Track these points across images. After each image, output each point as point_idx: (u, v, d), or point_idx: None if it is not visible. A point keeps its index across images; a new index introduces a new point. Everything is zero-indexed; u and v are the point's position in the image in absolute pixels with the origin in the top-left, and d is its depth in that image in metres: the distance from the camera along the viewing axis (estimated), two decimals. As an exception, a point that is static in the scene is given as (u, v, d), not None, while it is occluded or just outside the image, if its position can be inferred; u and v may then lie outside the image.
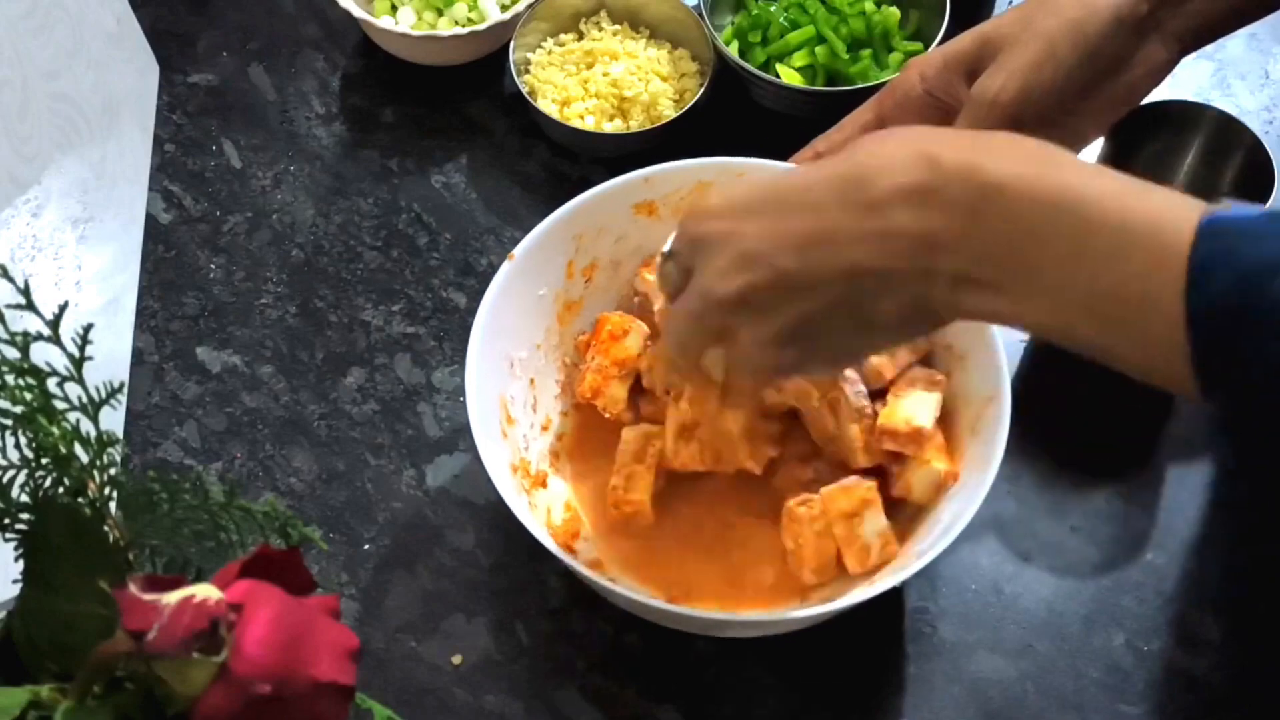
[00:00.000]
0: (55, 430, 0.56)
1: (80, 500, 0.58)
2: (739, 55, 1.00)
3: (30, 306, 0.57)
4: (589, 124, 0.98)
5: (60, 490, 0.58)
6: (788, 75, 0.99)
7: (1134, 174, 0.85)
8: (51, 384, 0.57)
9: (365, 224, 0.98)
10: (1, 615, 0.57)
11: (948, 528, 0.74)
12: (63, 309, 0.58)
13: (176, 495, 0.58)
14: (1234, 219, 0.53)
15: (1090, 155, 0.85)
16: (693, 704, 0.80)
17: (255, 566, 0.52)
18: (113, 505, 0.59)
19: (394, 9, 1.03)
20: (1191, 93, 1.01)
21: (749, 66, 0.98)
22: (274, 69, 1.06)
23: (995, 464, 0.75)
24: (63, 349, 0.57)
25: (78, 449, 0.57)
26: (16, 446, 0.57)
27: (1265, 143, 0.84)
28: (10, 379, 0.56)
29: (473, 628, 0.82)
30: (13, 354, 0.56)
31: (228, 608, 0.50)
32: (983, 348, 0.79)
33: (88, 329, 0.57)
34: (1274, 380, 0.52)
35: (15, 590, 0.57)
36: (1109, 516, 0.85)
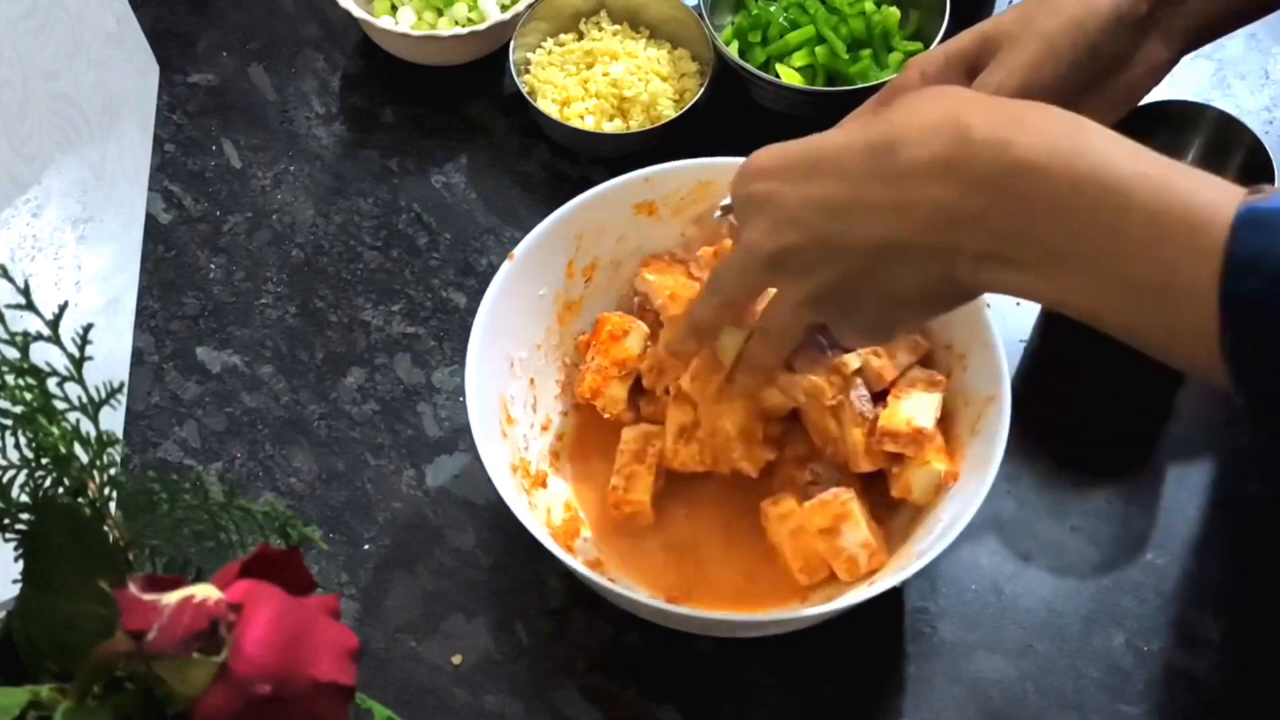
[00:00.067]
0: (55, 430, 0.56)
1: (80, 500, 0.58)
2: (739, 55, 1.00)
3: (30, 306, 0.57)
4: (589, 124, 0.98)
5: (60, 490, 0.58)
6: (788, 75, 0.99)
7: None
8: (51, 384, 0.57)
9: (365, 224, 0.98)
10: (1, 615, 0.57)
11: (948, 528, 0.74)
12: (63, 309, 0.58)
13: (176, 495, 0.58)
14: (1274, 210, 0.52)
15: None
16: (693, 704, 0.80)
17: (255, 566, 0.52)
18: (113, 505, 0.59)
19: (394, 9, 1.03)
20: (1191, 93, 1.01)
21: (749, 66, 0.98)
22: (274, 69, 1.06)
23: (995, 464, 0.75)
24: (63, 349, 0.57)
25: (78, 449, 0.57)
26: (16, 446, 0.57)
27: (1265, 143, 0.84)
28: (10, 379, 0.56)
29: (473, 628, 0.82)
30: (13, 354, 0.56)
31: (228, 608, 0.50)
32: (983, 348, 0.79)
33: (88, 329, 0.57)
34: None
35: (15, 590, 0.57)
36: (1109, 516, 0.85)
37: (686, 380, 0.79)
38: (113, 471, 0.58)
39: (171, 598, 0.49)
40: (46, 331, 0.57)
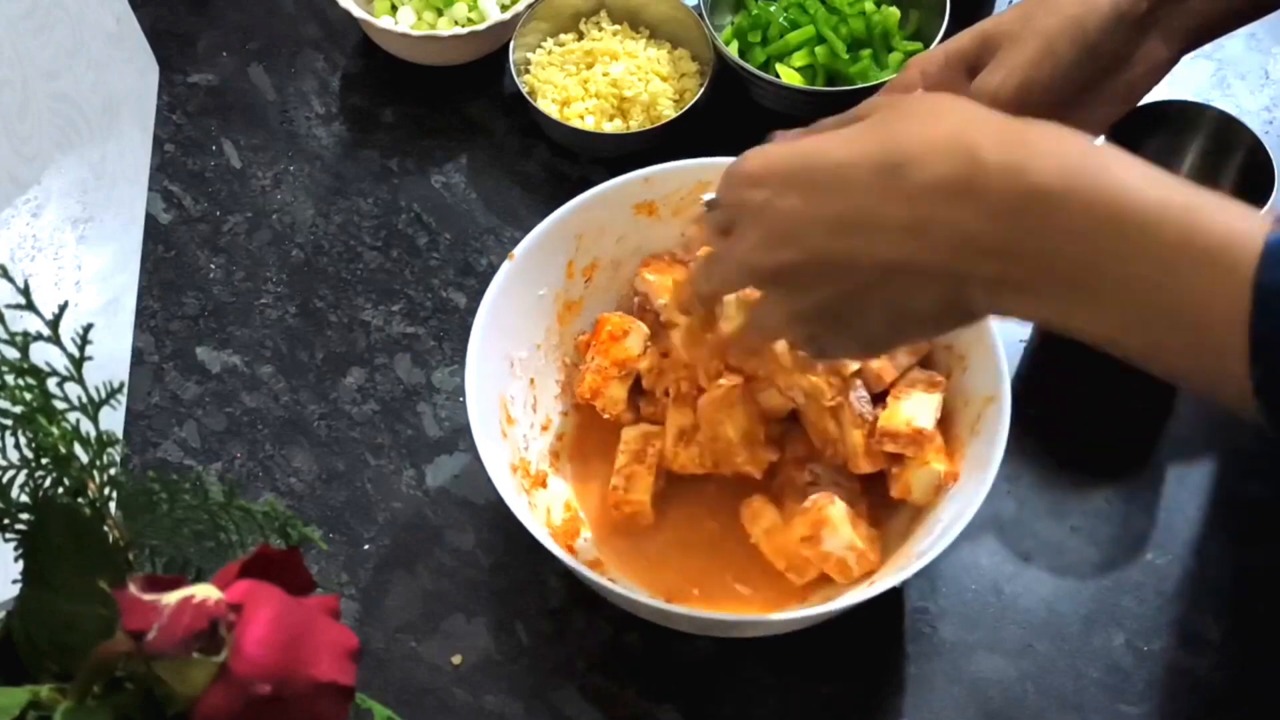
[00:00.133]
0: (55, 430, 0.56)
1: (80, 500, 0.58)
2: (739, 55, 1.00)
3: (30, 306, 0.57)
4: (589, 124, 0.98)
5: (60, 490, 0.58)
6: (788, 75, 0.99)
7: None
8: (51, 384, 0.57)
9: (365, 224, 0.98)
10: (1, 615, 0.57)
11: (948, 528, 0.74)
12: (63, 309, 0.58)
13: (176, 495, 0.58)
14: None
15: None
16: (693, 704, 0.80)
17: (255, 566, 0.52)
18: (113, 505, 0.59)
19: (394, 9, 1.03)
20: (1191, 93, 1.01)
21: (749, 66, 0.98)
22: (274, 69, 1.06)
23: (995, 464, 0.75)
24: (63, 349, 0.57)
25: (78, 449, 0.57)
26: (16, 446, 0.57)
27: (1265, 143, 0.84)
28: (10, 379, 0.56)
29: (473, 628, 0.82)
30: (13, 354, 0.56)
31: (228, 608, 0.50)
32: (983, 348, 0.79)
33: (88, 329, 0.57)
34: None
35: (15, 590, 0.57)
36: (1109, 516, 0.85)
37: (678, 337, 0.77)
38: (113, 471, 0.58)
39: (171, 598, 0.49)
40: (46, 331, 0.57)
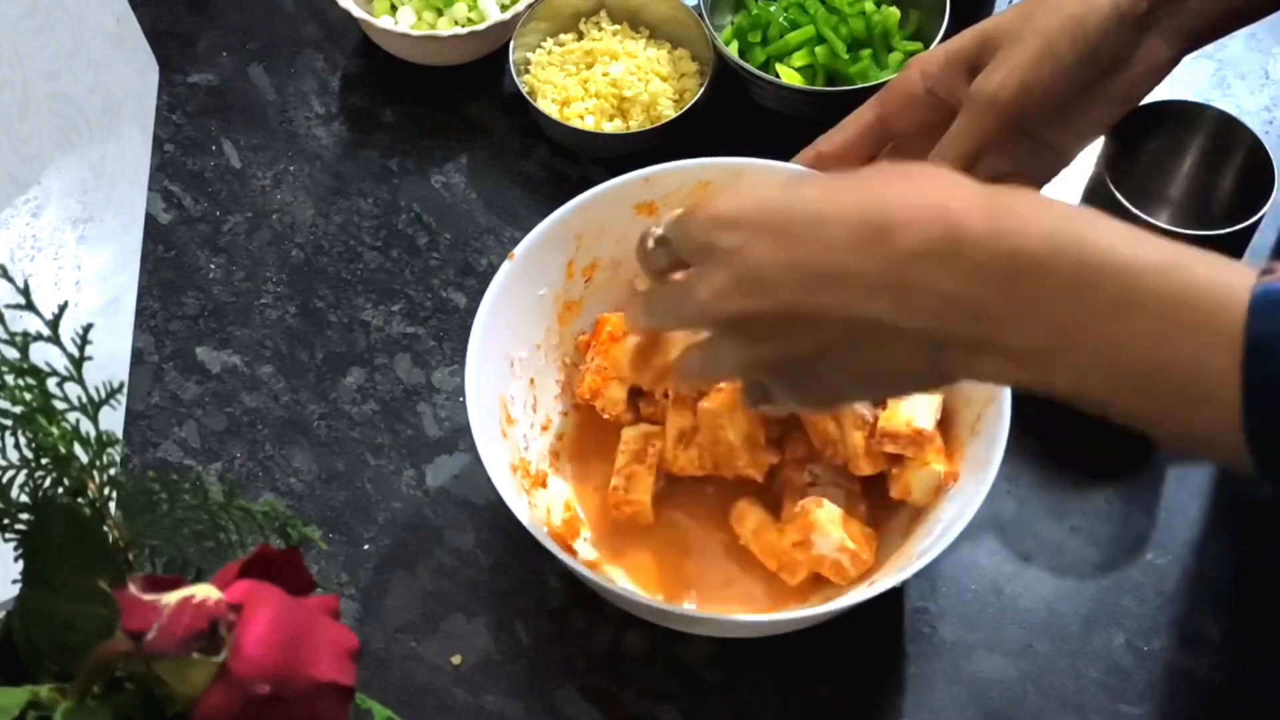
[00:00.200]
0: (55, 430, 0.56)
1: (80, 500, 0.58)
2: (739, 55, 1.00)
3: (30, 306, 0.57)
4: (589, 124, 0.98)
5: (60, 490, 0.58)
6: (788, 75, 0.99)
7: (1134, 174, 0.86)
8: (51, 384, 0.57)
9: (365, 224, 0.98)
10: (1, 615, 0.57)
11: (948, 528, 0.74)
12: (62, 309, 0.58)
13: (176, 495, 0.58)
14: None
15: (1090, 155, 0.85)
16: (693, 704, 0.80)
17: (255, 566, 0.52)
18: (113, 505, 0.59)
19: (394, 9, 1.03)
20: (1191, 93, 1.01)
21: (749, 66, 0.98)
22: (274, 69, 1.06)
23: (995, 464, 0.75)
24: (62, 349, 0.57)
25: (78, 449, 0.57)
26: (16, 446, 0.57)
27: (1265, 143, 0.84)
28: (10, 379, 0.56)
29: (473, 628, 0.82)
30: (13, 354, 0.56)
31: (227, 608, 0.50)
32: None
33: (87, 329, 0.57)
34: None
35: (15, 590, 0.57)
36: (1109, 516, 0.85)
37: (624, 355, 0.75)
38: (113, 471, 0.58)
39: (171, 598, 0.50)
40: (46, 331, 0.57)
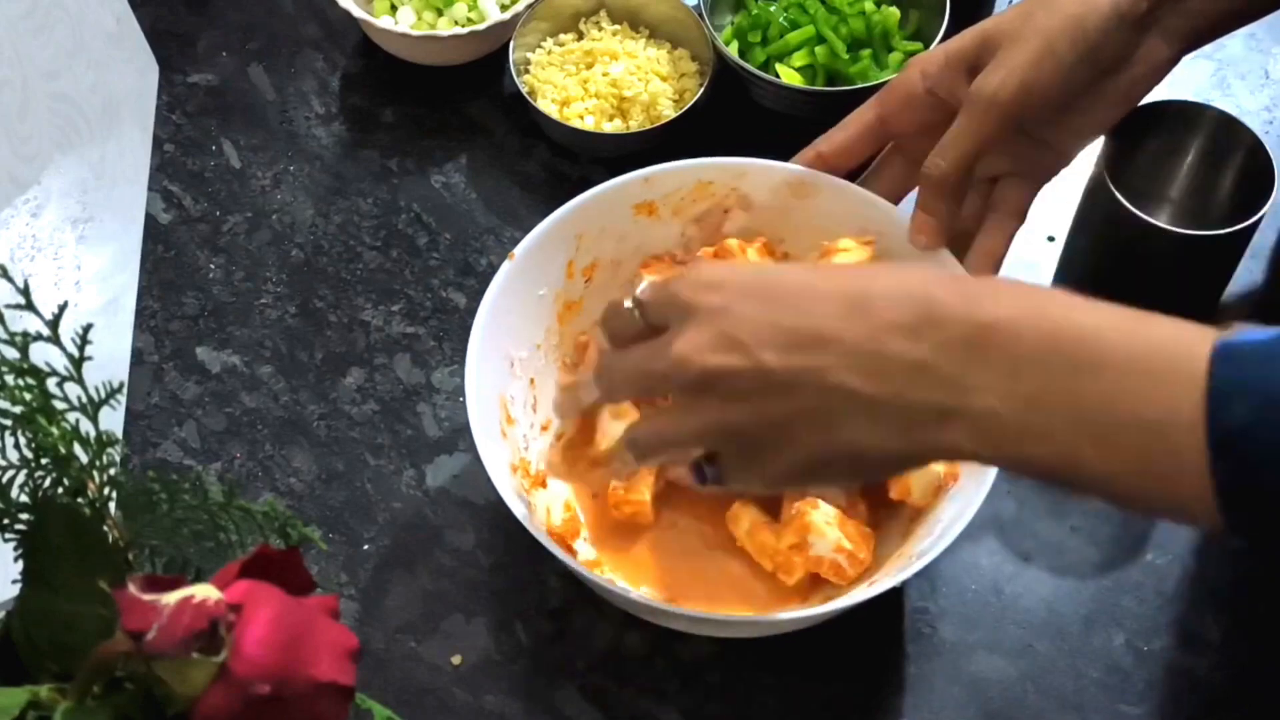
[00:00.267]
0: (55, 430, 0.56)
1: (80, 500, 0.58)
2: (739, 55, 1.00)
3: (30, 306, 0.57)
4: (589, 124, 0.98)
5: (60, 490, 0.58)
6: (788, 75, 0.99)
7: (1134, 174, 0.86)
8: (51, 384, 0.57)
9: (365, 224, 0.98)
10: (1, 615, 0.57)
11: (948, 528, 0.74)
12: (62, 309, 0.58)
13: (176, 495, 0.58)
14: (1248, 343, 0.52)
15: (1090, 155, 0.85)
16: (693, 704, 0.80)
17: (255, 566, 0.52)
18: (112, 505, 0.59)
19: (394, 9, 1.03)
20: (1191, 93, 1.01)
21: (749, 66, 0.98)
22: (274, 69, 1.06)
23: (995, 464, 0.75)
24: (62, 349, 0.57)
25: (77, 449, 0.57)
26: (16, 446, 0.57)
27: (1265, 143, 0.84)
28: (10, 379, 0.56)
29: (473, 628, 0.82)
30: (13, 354, 0.56)
31: (227, 608, 0.50)
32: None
33: (87, 329, 0.57)
34: None
35: (15, 590, 0.57)
36: (1109, 516, 0.85)
37: (555, 455, 0.78)
38: (112, 471, 0.58)
39: (171, 598, 0.50)
40: (46, 331, 0.57)
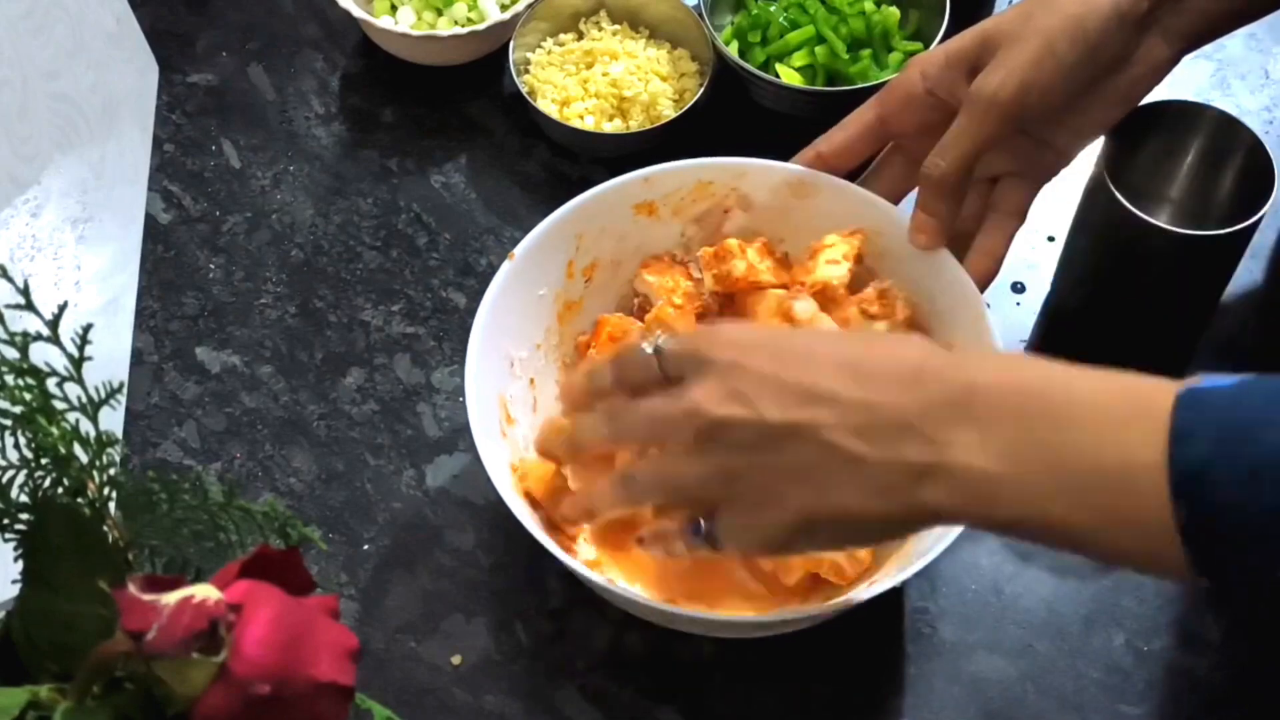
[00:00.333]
0: (55, 430, 0.56)
1: (80, 500, 0.58)
2: (739, 55, 1.00)
3: (30, 306, 0.57)
4: (589, 124, 0.98)
5: (60, 490, 0.58)
6: (787, 75, 0.99)
7: (1134, 174, 0.86)
8: (51, 384, 0.57)
9: (365, 224, 0.98)
10: (1, 615, 0.57)
11: (948, 528, 0.74)
12: (62, 309, 0.58)
13: (176, 495, 0.58)
14: (1212, 389, 0.54)
15: (1090, 155, 0.85)
16: (693, 704, 0.80)
17: (255, 567, 0.52)
18: (112, 505, 0.59)
19: (394, 9, 1.03)
20: (1191, 93, 1.01)
21: (749, 66, 0.98)
22: (274, 69, 1.06)
23: (995, 464, 0.74)
24: (62, 349, 0.57)
25: (77, 449, 0.57)
26: (16, 446, 0.57)
27: (1265, 143, 0.84)
28: (10, 379, 0.56)
29: (473, 628, 0.82)
30: (12, 354, 0.56)
31: (227, 608, 0.50)
32: (982, 348, 0.79)
33: (87, 329, 0.57)
34: (1263, 543, 0.52)
35: (15, 590, 0.57)
36: (1109, 516, 0.85)
37: (538, 489, 0.79)
38: (112, 471, 0.58)
39: (171, 598, 0.49)
40: (46, 331, 0.57)
